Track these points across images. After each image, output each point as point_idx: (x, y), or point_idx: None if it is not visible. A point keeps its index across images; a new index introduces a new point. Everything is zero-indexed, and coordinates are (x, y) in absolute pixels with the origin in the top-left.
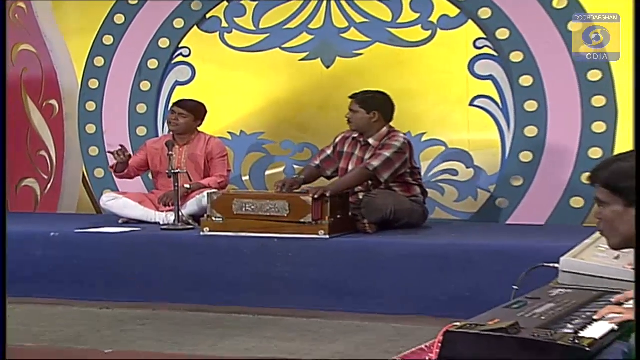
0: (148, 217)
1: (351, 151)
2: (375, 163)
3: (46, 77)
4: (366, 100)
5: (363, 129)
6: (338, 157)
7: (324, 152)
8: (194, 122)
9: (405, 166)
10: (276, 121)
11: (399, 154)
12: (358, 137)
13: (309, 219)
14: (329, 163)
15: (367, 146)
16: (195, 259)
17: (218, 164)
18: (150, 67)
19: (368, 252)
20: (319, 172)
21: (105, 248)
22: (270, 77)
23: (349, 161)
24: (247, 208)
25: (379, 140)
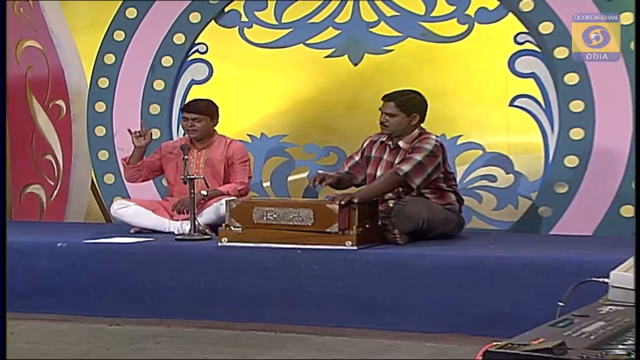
0: (162, 226)
1: (379, 155)
2: (406, 168)
3: (53, 75)
4: (406, 103)
5: (399, 133)
6: (366, 162)
7: (351, 159)
8: (211, 123)
9: (438, 171)
10: (299, 123)
11: (431, 158)
12: (387, 140)
13: (335, 228)
14: (358, 170)
15: (397, 149)
16: (213, 272)
17: (239, 169)
18: (164, 64)
19: (399, 265)
20: (349, 179)
21: (115, 260)
22: (293, 76)
23: (377, 166)
24: (268, 217)
25: (410, 142)
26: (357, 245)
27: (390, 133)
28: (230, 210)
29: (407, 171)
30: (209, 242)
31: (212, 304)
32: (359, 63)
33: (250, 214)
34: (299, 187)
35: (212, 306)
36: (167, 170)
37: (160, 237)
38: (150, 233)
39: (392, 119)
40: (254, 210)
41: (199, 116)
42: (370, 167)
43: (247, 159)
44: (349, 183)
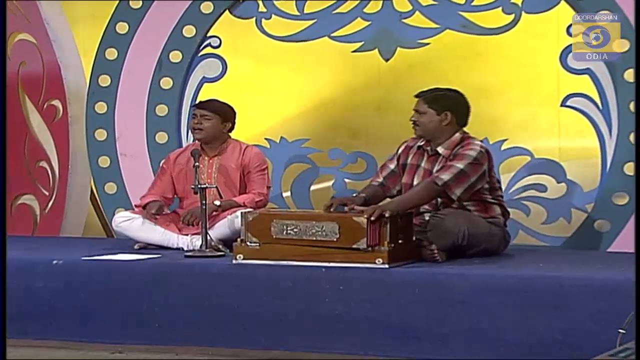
0: (170, 241)
1: (416, 162)
2: (446, 176)
3: (48, 72)
4: (437, 99)
5: (431, 134)
6: (401, 170)
7: (386, 167)
8: (222, 126)
9: (483, 180)
10: (324, 126)
11: (475, 166)
12: (425, 146)
13: (364, 244)
14: (394, 179)
15: (435, 156)
16: (227, 293)
17: (256, 178)
18: (172, 60)
19: (436, 286)
20: (383, 191)
21: (118, 279)
22: (317, 73)
23: (413, 174)
24: (289, 231)
25: (451, 148)
26: (389, 263)
27: (422, 134)
28: (247, 224)
29: (446, 180)
30: (223, 260)
31: (226, 329)
32: (391, 58)
33: (268, 228)
34: (323, 197)
35: (226, 332)
36: (176, 181)
37: (168, 254)
38: (157, 249)
39: (422, 117)
40: (272, 223)
41: (208, 114)
42: (406, 176)
43: (265, 167)
44: (383, 197)
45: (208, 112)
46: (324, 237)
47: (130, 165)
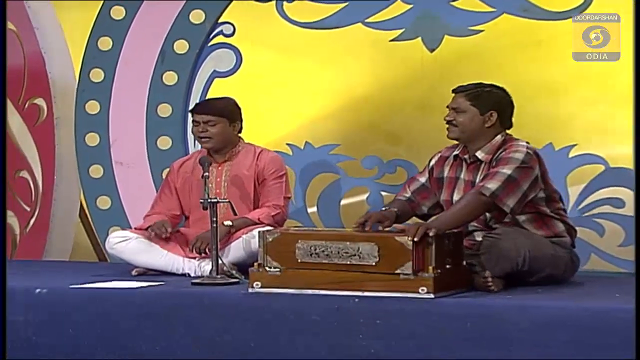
0: (174, 266)
1: (455, 175)
2: (492, 185)
3: (30, 65)
4: (481, 96)
5: (470, 138)
6: (437, 185)
7: (415, 181)
8: (231, 128)
9: (535, 188)
10: (356, 128)
11: (525, 170)
12: (462, 154)
13: (408, 269)
14: (424, 195)
15: (476, 163)
16: (241, 327)
17: (273, 188)
18: (177, 51)
19: (491, 319)
20: (411, 207)
21: (112, 311)
22: (349, 66)
23: (453, 189)
24: (316, 253)
25: (492, 152)
26: (435, 292)
27: (458, 137)
28: (266, 245)
29: (494, 190)
30: (237, 288)
31: None
32: (437, 48)
33: (292, 250)
34: (355, 213)
35: None
36: (181, 194)
37: (171, 281)
38: (159, 275)
39: (461, 116)
40: (297, 245)
41: (213, 118)
42: (444, 192)
43: (282, 173)
44: (411, 214)
45: (212, 116)
46: (359, 261)
47: (127, 175)
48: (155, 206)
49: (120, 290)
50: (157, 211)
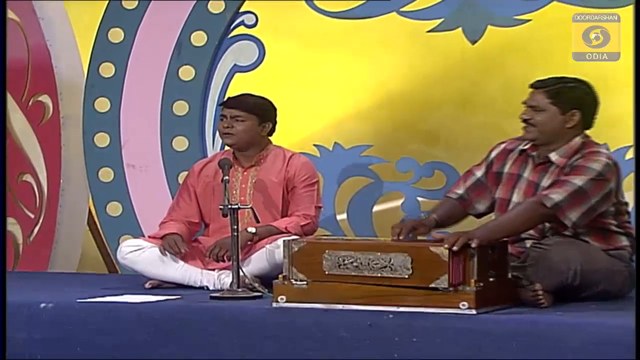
0: (191, 278)
1: (517, 172)
2: (558, 196)
3: (34, 59)
4: (563, 93)
5: (549, 138)
6: (494, 181)
7: (471, 175)
8: (260, 128)
9: (607, 203)
10: (390, 128)
11: (598, 184)
12: (530, 150)
13: (445, 283)
14: (480, 192)
15: (545, 164)
16: (264, 345)
17: (303, 196)
18: (194, 43)
19: (540, 338)
20: (463, 207)
21: (123, 327)
22: (382, 59)
23: (512, 188)
24: (345, 265)
25: (568, 156)
26: (477, 307)
27: (536, 137)
28: (291, 256)
29: (558, 201)
30: (260, 302)
31: None
32: (479, 40)
33: (319, 262)
34: (389, 221)
35: None
36: (202, 200)
37: (188, 295)
38: (175, 288)
39: (540, 115)
40: (324, 255)
41: (241, 114)
42: (502, 189)
43: (314, 181)
44: (462, 215)
45: (241, 111)
46: (392, 273)
47: (140, 179)
48: (172, 212)
49: (132, 305)
50: (174, 218)
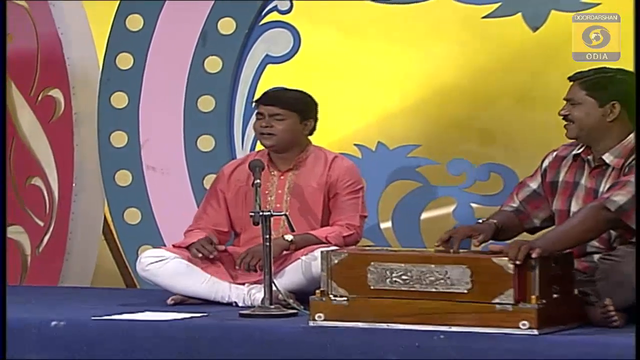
0: (218, 293)
1: (573, 179)
2: (620, 197)
3: (44, 49)
4: (600, 84)
5: (590, 135)
6: (549, 191)
7: (525, 186)
8: (301, 126)
9: None
10: (441, 126)
11: None
12: (584, 154)
13: (510, 298)
14: (537, 204)
15: (601, 168)
16: None
17: (346, 204)
18: (221, 31)
19: None
20: (520, 220)
21: (143, 347)
22: (432, 49)
23: (570, 197)
24: (393, 279)
25: (624, 156)
26: (539, 327)
27: (576, 135)
28: (330, 268)
29: (622, 204)
30: (295, 320)
31: None
32: (541, 26)
33: (362, 275)
34: (439, 229)
35: None
36: (233, 206)
37: (216, 312)
38: (201, 304)
39: (577, 109)
40: (368, 268)
41: (281, 112)
42: (558, 199)
43: (359, 187)
44: (519, 229)
45: (280, 108)
46: (446, 288)
47: (161, 183)
48: (199, 220)
49: (153, 323)
50: (201, 226)
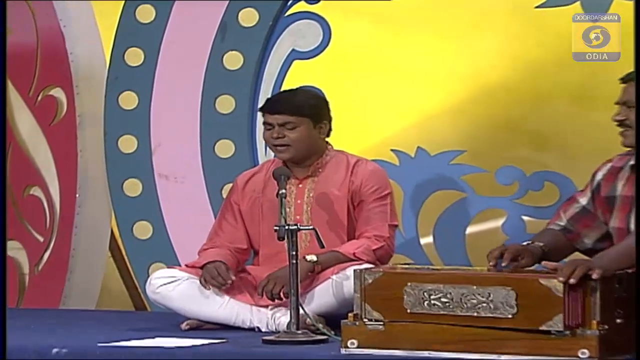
0: (238, 317)
1: (632, 193)
2: None
3: (45, 44)
4: None
5: None
6: (605, 208)
7: (574, 202)
8: (316, 131)
9: None
10: (488, 129)
11: None
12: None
13: (559, 324)
14: (587, 223)
15: None
16: None
17: (374, 213)
18: (242, 23)
19: None
20: (568, 240)
21: None
22: (478, 42)
23: (629, 213)
24: (432, 302)
25: None
26: (600, 356)
27: (632, 143)
28: (364, 289)
29: None
30: (324, 348)
31: None
32: None
33: (398, 297)
34: (487, 246)
35: None
36: (248, 220)
37: (235, 337)
38: (218, 330)
39: (632, 113)
40: (406, 289)
41: (292, 119)
42: (616, 217)
43: (387, 193)
44: (568, 251)
45: (290, 115)
46: (491, 312)
47: (175, 193)
48: (214, 237)
49: (165, 350)
50: (217, 244)
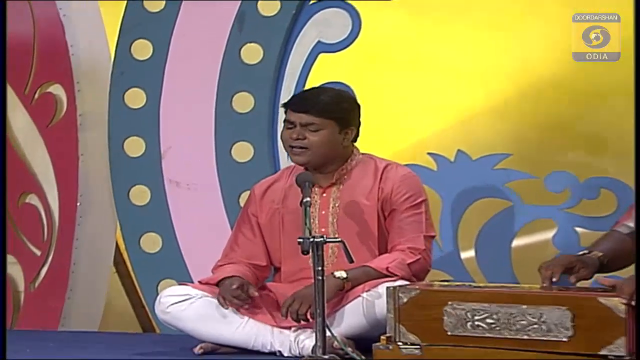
0: (258, 340)
1: None
2: None
3: (42, 36)
4: None
5: None
6: None
7: None
8: (341, 136)
9: None
10: (536, 129)
11: None
12: None
13: (622, 349)
14: None
15: None
16: None
17: (407, 223)
18: (262, 12)
19: None
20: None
21: None
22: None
23: None
24: (476, 323)
25: None
26: None
27: None
28: (398, 309)
29: None
30: None
31: None
32: None
33: (437, 317)
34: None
35: None
36: (269, 235)
37: None
38: (236, 354)
39: None
40: (446, 308)
41: (316, 120)
42: None
43: (421, 200)
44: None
45: (315, 116)
46: (542, 334)
47: (187, 201)
48: (230, 253)
49: None
50: (233, 260)
